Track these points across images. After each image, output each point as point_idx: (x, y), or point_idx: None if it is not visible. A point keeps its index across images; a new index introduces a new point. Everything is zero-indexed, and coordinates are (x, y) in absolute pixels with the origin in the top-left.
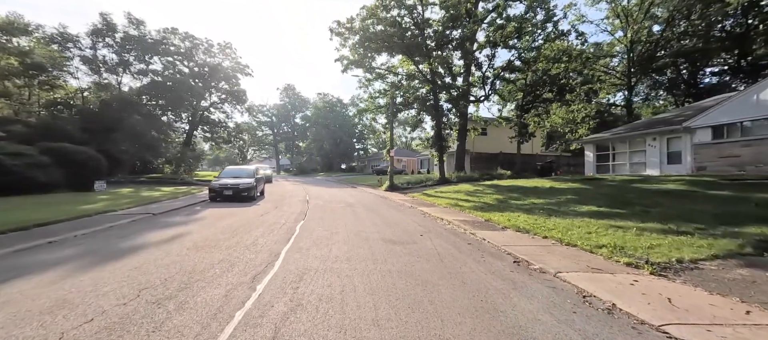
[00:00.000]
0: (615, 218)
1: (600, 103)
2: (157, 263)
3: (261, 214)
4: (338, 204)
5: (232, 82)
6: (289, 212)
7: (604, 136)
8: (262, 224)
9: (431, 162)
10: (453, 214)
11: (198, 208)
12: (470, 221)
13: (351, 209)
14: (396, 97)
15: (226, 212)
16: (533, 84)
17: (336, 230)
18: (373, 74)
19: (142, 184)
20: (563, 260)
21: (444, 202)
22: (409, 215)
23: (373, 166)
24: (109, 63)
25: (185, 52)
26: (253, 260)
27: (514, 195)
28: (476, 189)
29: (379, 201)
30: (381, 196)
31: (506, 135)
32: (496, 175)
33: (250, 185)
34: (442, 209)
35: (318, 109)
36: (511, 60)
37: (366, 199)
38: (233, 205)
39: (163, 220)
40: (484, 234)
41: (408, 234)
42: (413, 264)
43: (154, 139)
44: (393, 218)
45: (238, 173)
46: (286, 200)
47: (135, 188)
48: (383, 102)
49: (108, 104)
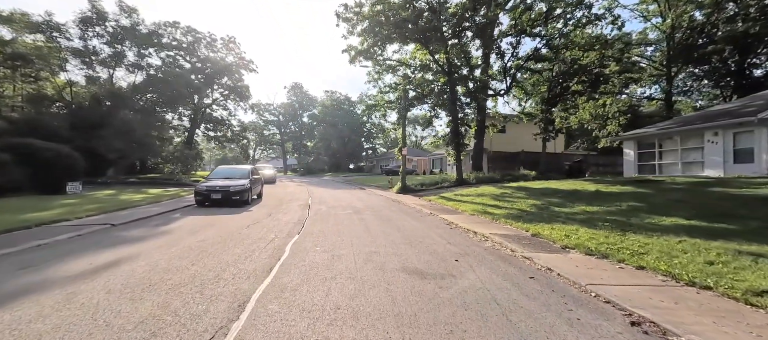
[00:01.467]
0: (729, 236)
1: (633, 96)
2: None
3: (248, 224)
4: (344, 210)
5: (235, 78)
6: (284, 221)
7: (649, 132)
8: (243, 241)
9: (444, 162)
10: (486, 225)
11: (176, 215)
12: (513, 236)
13: (359, 218)
14: (408, 91)
15: (206, 221)
16: (561, 75)
17: (339, 252)
18: (383, 66)
19: (132, 185)
20: (720, 324)
21: (469, 208)
22: (432, 225)
23: (383, 166)
24: (101, 55)
25: (187, 47)
26: (197, 322)
27: (553, 200)
28: (503, 192)
29: (391, 206)
30: (393, 199)
31: (527, 132)
32: (519, 175)
33: (242, 187)
34: (469, 217)
35: (325, 107)
36: (538, 48)
37: (376, 203)
38: (221, 211)
39: (117, 235)
40: (543, 259)
41: (438, 258)
42: (463, 329)
43: (147, 137)
44: (412, 230)
45: (231, 173)
46: (285, 205)
47: (119, 190)
48: (394, 97)
49: (98, 99)
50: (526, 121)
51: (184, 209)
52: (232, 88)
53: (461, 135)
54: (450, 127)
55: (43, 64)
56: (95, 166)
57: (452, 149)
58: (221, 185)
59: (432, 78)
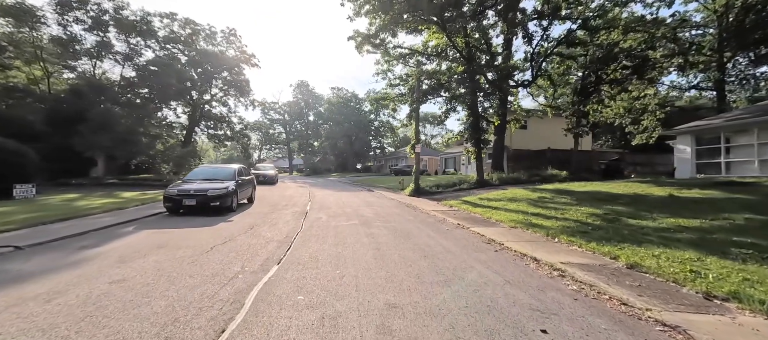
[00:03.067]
0: None
1: (677, 86)
2: None
3: (214, 244)
4: (348, 221)
5: (235, 71)
6: (265, 238)
7: (714, 124)
8: (185, 281)
9: (457, 161)
10: (544, 246)
11: (128, 229)
12: (598, 268)
13: (367, 233)
14: (421, 82)
15: (159, 239)
16: (597, 61)
17: (336, 306)
18: (392, 56)
19: (111, 187)
20: None
21: (505, 217)
22: (467, 245)
23: (391, 166)
24: (83, 43)
25: (185, 40)
26: None
27: (618, 208)
28: (540, 196)
29: (406, 214)
30: (406, 204)
31: (552, 128)
32: (547, 175)
33: (223, 191)
34: (511, 231)
35: (331, 104)
36: (572, 29)
37: (388, 209)
38: (191, 222)
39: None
40: (699, 331)
41: (506, 322)
42: None
43: (133, 133)
44: (443, 255)
45: (214, 174)
46: (277, 212)
47: (86, 193)
48: (405, 90)
49: (78, 91)
50: (550, 116)
51: (145, 220)
52: (231, 83)
53: (482, 130)
54: (468, 122)
55: (17, 53)
56: (78, 166)
57: (472, 146)
58: (197, 189)
59: (448, 68)
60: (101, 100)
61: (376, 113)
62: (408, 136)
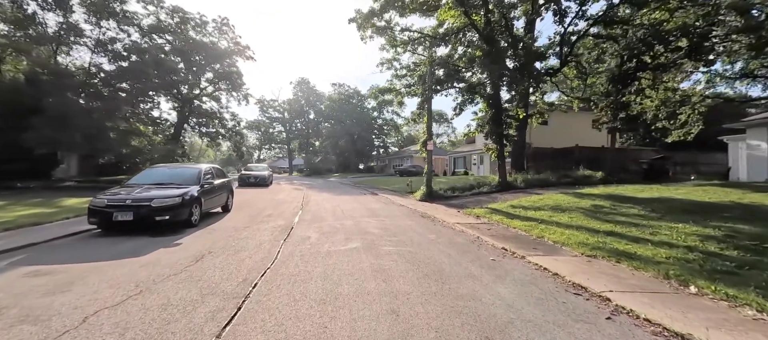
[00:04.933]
0: None
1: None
2: None
3: (89, 313)
4: (347, 242)
5: (227, 63)
6: (210, 285)
7: None
8: None
9: (468, 161)
10: (689, 307)
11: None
12: None
13: (375, 266)
14: (434, 67)
15: (30, 286)
16: (641, 42)
17: None
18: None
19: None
20: None
21: (564, 237)
22: (546, 299)
23: (395, 166)
24: (43, 25)
25: (173, 30)
26: None
27: (738, 226)
28: (594, 205)
29: (424, 229)
30: (421, 213)
31: (578, 123)
32: (579, 177)
33: (176, 201)
34: (589, 265)
35: (332, 101)
36: (613, 4)
37: (399, 221)
38: (119, 246)
39: None
40: None
41: None
42: None
43: (95, 128)
44: (519, 334)
45: (171, 177)
46: (252, 228)
47: (15, 200)
48: (414, 79)
49: (36, 80)
50: (576, 110)
51: (54, 245)
52: (222, 74)
53: (505, 124)
54: (488, 115)
55: None
56: (36, 165)
57: (492, 142)
58: (137, 198)
59: (464, 52)
60: (62, 89)
61: (379, 111)
62: (413, 135)
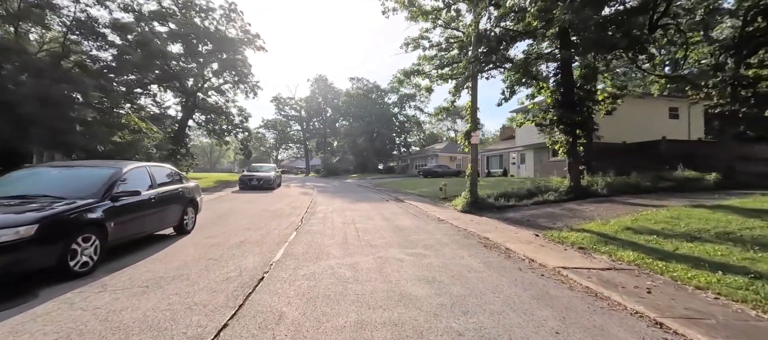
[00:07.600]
0: None
1: None
2: None
3: None
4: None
5: (234, 53)
6: None
7: None
8: None
9: (505, 159)
10: None
11: None
12: None
13: None
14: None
15: None
16: None
17: None
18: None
19: None
20: None
21: None
22: None
23: (418, 166)
24: None
25: (179, 17)
26: None
27: None
28: None
29: (504, 283)
30: (478, 237)
31: (651, 112)
32: (681, 179)
33: (19, 235)
34: None
35: (350, 96)
36: None
37: (449, 260)
38: None
39: None
40: None
41: None
42: None
43: (72, 120)
44: None
45: (51, 185)
46: (191, 279)
47: None
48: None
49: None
50: (655, 94)
51: None
52: (227, 63)
53: (586, 108)
54: (554, 98)
55: None
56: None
57: (562, 133)
58: None
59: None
60: (26, 72)
61: (400, 106)
62: (435, 133)
